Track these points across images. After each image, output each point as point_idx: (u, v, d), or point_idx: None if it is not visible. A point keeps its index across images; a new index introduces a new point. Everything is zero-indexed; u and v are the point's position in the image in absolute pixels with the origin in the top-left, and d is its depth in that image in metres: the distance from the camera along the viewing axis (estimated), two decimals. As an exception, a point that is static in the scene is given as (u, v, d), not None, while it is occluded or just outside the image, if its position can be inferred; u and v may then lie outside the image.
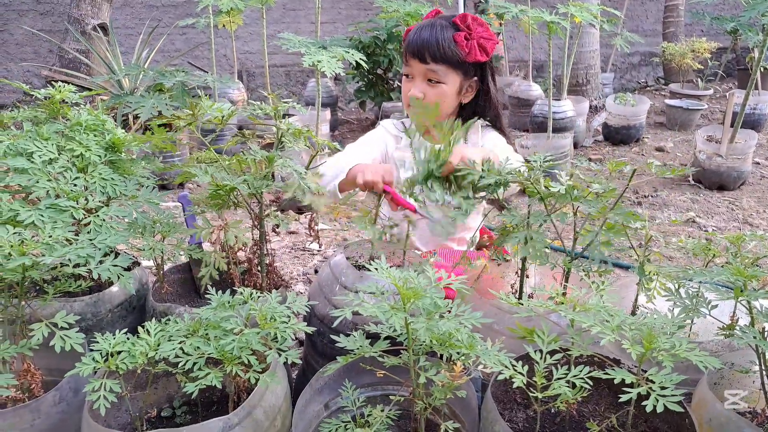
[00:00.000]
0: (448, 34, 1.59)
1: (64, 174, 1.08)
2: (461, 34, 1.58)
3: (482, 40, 1.60)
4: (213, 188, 1.10)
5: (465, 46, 1.58)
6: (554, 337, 0.95)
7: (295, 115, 3.74)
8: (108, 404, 0.88)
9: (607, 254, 1.13)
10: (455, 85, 1.63)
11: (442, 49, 1.58)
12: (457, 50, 1.58)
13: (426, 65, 1.61)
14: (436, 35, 1.59)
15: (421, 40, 1.61)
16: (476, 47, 1.59)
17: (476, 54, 1.59)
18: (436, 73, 1.60)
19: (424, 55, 1.60)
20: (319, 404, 1.19)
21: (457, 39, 1.58)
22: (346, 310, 0.87)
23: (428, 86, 1.63)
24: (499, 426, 0.93)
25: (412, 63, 1.63)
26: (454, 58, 1.59)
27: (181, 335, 0.95)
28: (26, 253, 0.87)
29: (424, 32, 1.62)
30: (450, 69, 1.61)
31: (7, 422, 0.96)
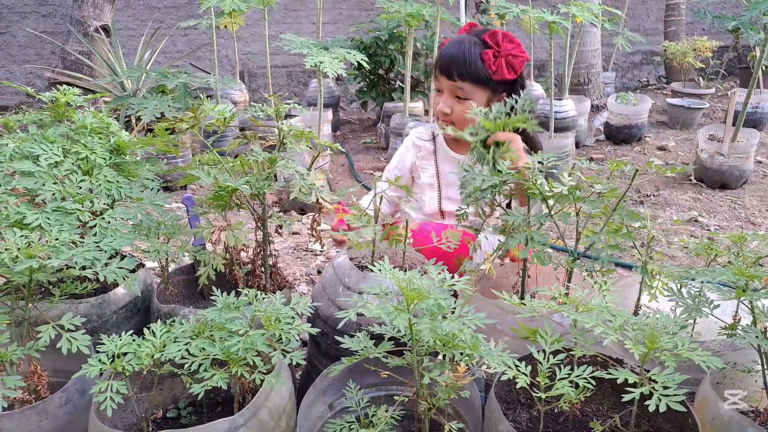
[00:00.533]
0: (477, 51, 1.60)
1: (70, 177, 1.09)
2: (489, 51, 1.58)
3: (510, 57, 1.59)
4: (216, 190, 1.11)
5: (492, 64, 1.58)
6: (557, 338, 0.96)
7: (297, 115, 3.75)
8: (115, 405, 0.88)
9: (609, 254, 1.13)
10: (482, 102, 1.64)
11: (469, 67, 1.59)
12: (485, 68, 1.58)
13: (453, 82, 1.62)
14: (464, 52, 1.60)
15: (449, 57, 1.62)
16: (504, 65, 1.58)
17: (504, 72, 1.59)
18: (463, 90, 1.62)
19: (452, 72, 1.61)
20: (324, 405, 1.19)
21: (485, 57, 1.58)
22: (350, 312, 0.87)
23: (456, 102, 1.64)
24: (503, 426, 0.94)
25: (441, 79, 1.65)
26: (481, 75, 1.59)
27: (186, 337, 0.96)
28: (33, 255, 0.88)
29: (453, 48, 1.63)
30: (477, 86, 1.61)
31: (14, 423, 0.97)
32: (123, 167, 1.18)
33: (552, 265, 1.22)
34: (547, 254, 1.21)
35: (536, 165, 1.31)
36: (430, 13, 3.44)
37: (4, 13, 6.25)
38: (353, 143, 4.71)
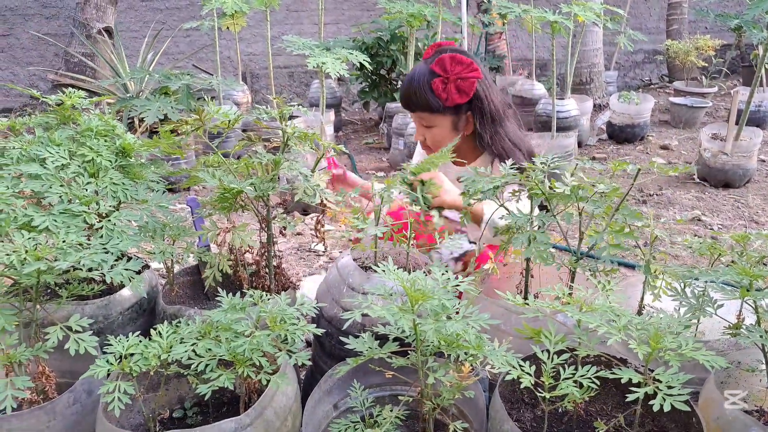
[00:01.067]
0: (426, 82, 1.66)
1: (76, 179, 1.10)
2: (438, 80, 1.64)
3: (459, 81, 1.64)
4: (220, 191, 1.12)
5: (442, 92, 1.64)
6: (561, 337, 0.96)
7: (300, 116, 3.76)
8: (122, 406, 0.89)
9: (612, 254, 1.14)
10: (447, 126, 1.70)
11: (421, 99, 1.66)
12: (435, 97, 1.65)
13: (415, 113, 1.71)
14: (414, 87, 1.68)
15: (404, 92, 1.72)
16: (454, 91, 1.64)
17: (454, 98, 1.64)
18: (425, 119, 1.70)
19: (410, 105, 1.71)
20: (329, 405, 1.20)
21: (434, 86, 1.64)
22: (355, 313, 0.88)
23: (425, 130, 1.72)
24: (508, 426, 0.94)
25: (407, 110, 1.76)
26: (434, 105, 1.66)
27: (192, 337, 0.96)
28: (41, 257, 0.89)
29: (406, 83, 1.71)
30: (435, 114, 1.68)
31: (23, 423, 0.98)
32: (128, 169, 1.19)
33: (555, 264, 1.22)
34: (550, 254, 1.22)
35: (539, 165, 1.31)
36: (432, 13, 3.45)
37: (7, 16, 6.27)
38: (355, 143, 4.72)
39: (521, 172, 1.29)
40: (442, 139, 1.70)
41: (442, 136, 1.70)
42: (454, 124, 1.70)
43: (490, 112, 1.70)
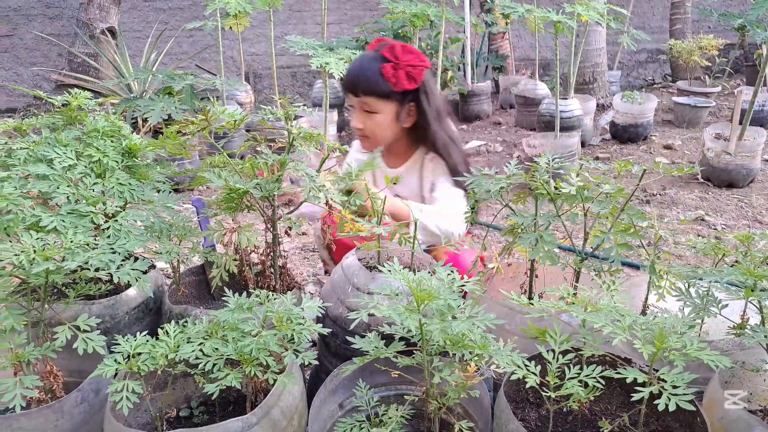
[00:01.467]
0: (376, 66, 1.66)
1: (84, 180, 1.11)
2: (389, 65, 1.64)
3: (409, 68, 1.65)
4: (227, 192, 1.12)
5: (392, 77, 1.64)
6: (566, 337, 0.96)
7: (303, 116, 3.77)
8: (131, 404, 0.90)
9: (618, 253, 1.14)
10: (390, 114, 1.70)
11: (370, 82, 1.66)
12: (385, 81, 1.65)
13: (358, 98, 1.70)
14: (364, 69, 1.68)
15: (352, 75, 1.72)
16: (403, 76, 1.64)
17: (404, 83, 1.65)
18: (368, 104, 1.69)
19: (356, 89, 1.69)
20: (334, 404, 1.21)
21: (384, 71, 1.64)
22: (362, 313, 0.88)
23: (366, 117, 1.71)
24: (513, 425, 0.95)
25: (349, 96, 1.74)
26: (383, 89, 1.66)
27: (199, 337, 0.97)
28: (50, 257, 0.89)
29: (354, 66, 1.73)
30: (380, 100, 1.68)
31: (32, 422, 0.99)
32: (134, 170, 1.19)
33: (560, 264, 1.22)
34: (555, 254, 1.22)
35: (544, 165, 1.32)
36: (435, 13, 3.45)
37: (11, 16, 6.30)
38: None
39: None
40: (382, 127, 1.71)
41: (384, 125, 1.70)
42: (397, 113, 1.71)
43: (434, 104, 1.73)
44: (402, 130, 1.75)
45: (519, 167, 1.35)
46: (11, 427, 0.97)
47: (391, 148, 1.81)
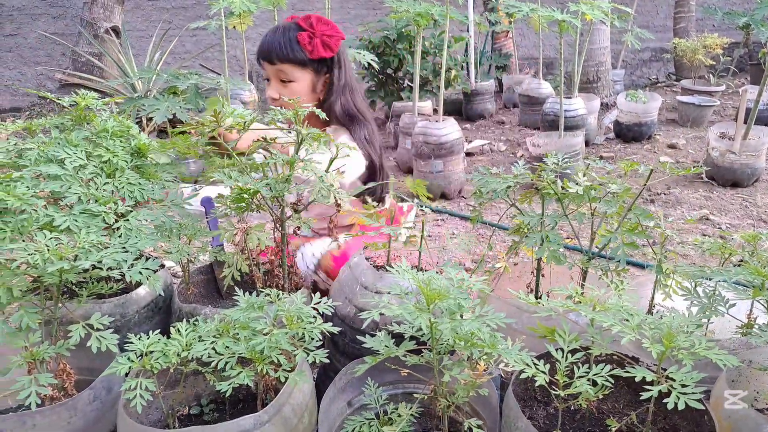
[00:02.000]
0: (292, 35, 1.69)
1: (94, 180, 1.12)
2: (305, 33, 1.67)
3: (325, 37, 1.69)
4: (237, 192, 1.13)
5: (308, 45, 1.67)
6: (575, 336, 0.97)
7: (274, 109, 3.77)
8: (144, 402, 0.91)
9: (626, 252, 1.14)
10: (306, 83, 1.73)
11: (286, 49, 1.68)
12: (301, 49, 1.67)
13: (274, 66, 1.71)
14: (280, 37, 1.70)
15: (267, 44, 1.71)
16: (319, 44, 1.68)
17: (320, 51, 1.68)
18: (284, 72, 1.70)
19: (271, 57, 1.70)
20: (343, 402, 1.22)
21: (300, 38, 1.67)
22: (373, 312, 0.89)
23: (282, 86, 1.72)
24: (522, 423, 0.96)
25: (264, 65, 1.74)
26: (299, 57, 1.68)
27: (211, 335, 0.98)
28: (64, 257, 0.90)
29: (270, 35, 1.73)
30: (297, 67, 1.70)
31: (46, 419, 1.00)
32: (144, 169, 1.20)
33: (567, 264, 1.23)
34: (562, 254, 1.23)
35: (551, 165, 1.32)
36: (439, 12, 3.45)
37: (14, 16, 6.32)
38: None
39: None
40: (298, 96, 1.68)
41: (299, 93, 1.70)
42: (313, 83, 1.74)
43: (346, 77, 1.76)
44: (317, 105, 1.74)
45: (526, 167, 1.36)
46: (26, 424, 0.99)
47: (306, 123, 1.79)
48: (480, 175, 1.35)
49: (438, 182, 3.24)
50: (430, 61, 4.68)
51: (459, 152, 3.26)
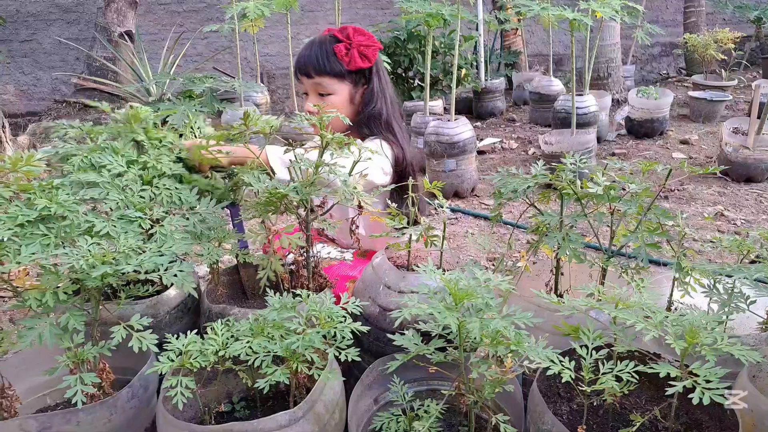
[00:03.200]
0: (329, 47, 1.70)
1: (131, 186, 1.16)
2: (341, 45, 1.68)
3: (362, 47, 1.69)
4: (267, 195, 1.17)
5: (345, 56, 1.68)
6: (599, 334, 1.00)
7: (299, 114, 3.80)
8: (185, 399, 0.95)
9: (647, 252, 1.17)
10: (344, 95, 1.73)
11: (322, 62, 1.68)
12: (338, 60, 1.68)
13: (312, 79, 1.71)
14: (316, 50, 1.71)
15: (304, 58, 1.73)
16: (357, 55, 1.68)
17: (357, 61, 1.68)
18: (322, 85, 1.71)
19: (309, 70, 1.71)
20: (369, 399, 1.25)
21: (337, 50, 1.68)
22: (404, 312, 0.93)
23: (320, 100, 1.73)
24: (548, 418, 0.99)
25: (302, 79, 1.75)
26: (336, 68, 1.69)
27: (246, 335, 1.02)
28: (107, 261, 0.95)
29: (307, 49, 1.74)
30: (334, 80, 1.71)
31: (89, 417, 1.05)
32: (184, 177, 1.25)
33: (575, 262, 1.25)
34: (582, 252, 1.25)
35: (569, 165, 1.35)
36: (450, 12, 3.47)
37: (30, 21, 6.41)
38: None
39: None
40: (336, 109, 1.66)
41: (338, 106, 1.70)
42: (351, 95, 1.73)
43: (384, 87, 1.76)
44: (355, 116, 1.76)
45: (545, 167, 1.38)
46: (71, 422, 1.03)
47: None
48: (500, 175, 1.38)
49: (451, 181, 3.26)
50: (440, 60, 4.70)
51: (472, 151, 3.29)
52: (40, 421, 1.01)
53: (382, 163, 1.64)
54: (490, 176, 1.40)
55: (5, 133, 2.82)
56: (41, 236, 0.98)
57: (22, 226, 0.97)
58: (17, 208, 1.00)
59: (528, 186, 1.31)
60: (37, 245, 0.95)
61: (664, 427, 1.07)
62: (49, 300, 0.93)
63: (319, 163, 1.26)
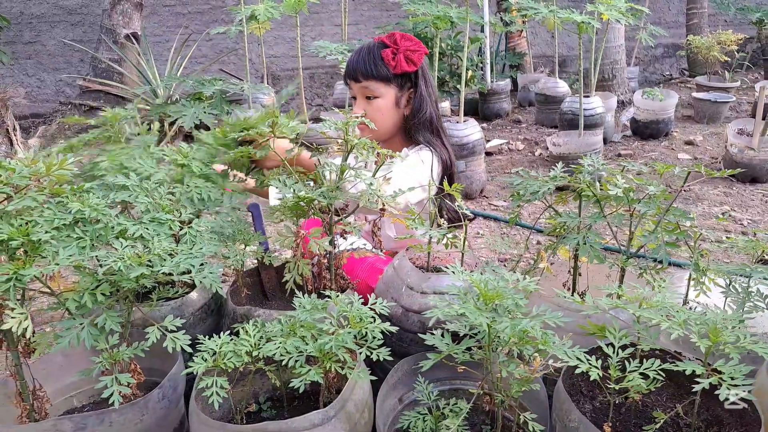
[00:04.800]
0: (376, 52, 1.76)
1: (158, 189, 1.18)
2: (388, 50, 1.74)
3: (408, 52, 1.74)
4: (295, 200, 1.19)
5: (392, 60, 1.73)
6: (624, 333, 1.02)
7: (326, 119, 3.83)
8: (220, 399, 0.97)
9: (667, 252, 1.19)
10: (390, 99, 1.78)
11: (370, 66, 1.75)
12: (385, 65, 1.74)
13: (360, 83, 1.77)
14: (364, 55, 1.77)
15: (353, 63, 1.79)
16: (403, 60, 1.73)
17: (403, 65, 1.73)
18: (369, 89, 1.76)
19: (357, 75, 1.77)
20: (394, 398, 1.27)
21: (384, 55, 1.73)
22: (435, 311, 0.95)
23: (367, 103, 1.78)
24: (575, 415, 1.01)
25: (351, 84, 1.81)
26: (383, 72, 1.75)
27: (278, 335, 1.04)
28: (143, 263, 0.97)
29: (355, 55, 1.80)
30: (381, 83, 1.76)
31: (122, 417, 1.06)
32: (212, 178, 1.27)
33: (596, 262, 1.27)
34: (603, 253, 1.27)
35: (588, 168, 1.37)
36: (457, 14, 3.49)
37: (34, 23, 6.43)
38: (379, 144, 4.78)
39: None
40: (382, 112, 1.76)
41: (384, 110, 1.76)
42: (396, 98, 1.78)
43: (432, 90, 1.81)
44: (401, 120, 1.81)
45: (563, 169, 1.40)
46: (104, 422, 1.05)
47: (388, 143, 1.84)
48: (520, 177, 1.40)
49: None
50: (446, 62, 4.73)
51: (480, 152, 3.31)
52: (74, 422, 1.03)
53: (422, 177, 1.65)
54: (510, 178, 1.42)
55: (16, 136, 2.84)
56: (77, 239, 1.00)
57: (58, 229, 0.99)
58: (50, 212, 1.02)
59: (549, 188, 1.34)
60: (74, 248, 0.97)
61: (686, 424, 1.09)
62: (88, 301, 0.95)
63: (344, 168, 1.28)
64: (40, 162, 1.01)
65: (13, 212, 0.94)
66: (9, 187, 0.96)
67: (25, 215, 0.97)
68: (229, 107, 3.49)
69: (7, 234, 0.90)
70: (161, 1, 6.47)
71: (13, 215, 0.95)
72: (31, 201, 0.97)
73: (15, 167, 0.97)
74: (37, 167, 1.00)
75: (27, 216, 0.97)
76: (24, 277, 0.88)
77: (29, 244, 0.92)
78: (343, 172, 1.27)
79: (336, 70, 6.57)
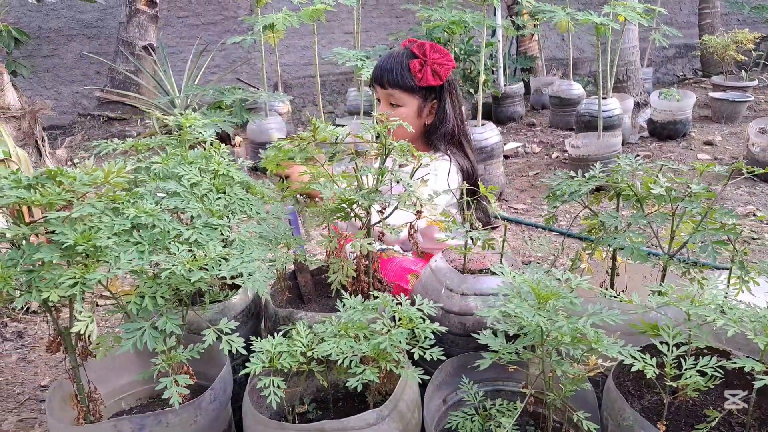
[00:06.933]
0: (404, 61, 1.77)
1: (208, 195, 1.20)
2: (416, 61, 1.74)
3: (436, 66, 1.75)
4: (339, 202, 1.21)
5: (418, 72, 1.74)
6: (678, 331, 1.02)
7: (344, 125, 3.87)
8: (278, 399, 0.98)
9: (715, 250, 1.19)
10: (413, 108, 1.79)
11: (396, 75, 1.76)
12: (411, 76, 1.75)
13: (385, 90, 1.79)
14: (392, 63, 1.78)
15: (380, 68, 1.81)
16: (429, 73, 1.74)
17: (429, 79, 1.74)
18: (394, 96, 1.78)
19: (383, 81, 1.79)
20: (439, 399, 1.28)
21: (412, 65, 1.74)
22: (492, 311, 0.96)
23: (390, 109, 1.80)
24: (629, 413, 1.01)
25: (376, 88, 1.83)
26: (408, 83, 1.76)
27: (330, 336, 1.05)
28: (202, 267, 0.98)
29: (384, 59, 1.82)
30: (405, 93, 1.77)
31: (177, 418, 1.08)
32: (249, 186, 1.29)
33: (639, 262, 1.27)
34: (645, 253, 1.28)
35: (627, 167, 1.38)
36: (472, 19, 3.52)
37: (52, 37, 6.54)
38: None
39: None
40: (404, 120, 1.74)
41: (406, 118, 1.76)
42: (419, 108, 1.80)
43: (457, 104, 1.82)
44: (422, 128, 1.82)
45: (601, 172, 1.41)
46: (161, 423, 1.07)
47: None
48: (557, 178, 1.41)
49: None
50: (459, 66, 4.74)
51: (499, 155, 3.32)
52: (134, 423, 1.05)
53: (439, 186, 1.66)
54: (548, 179, 1.43)
55: (45, 147, 2.88)
56: (135, 243, 1.02)
57: (117, 234, 1.01)
58: (108, 218, 1.04)
59: (588, 188, 1.34)
60: (135, 252, 0.99)
61: (738, 422, 1.09)
62: (149, 305, 0.97)
63: (384, 171, 1.29)
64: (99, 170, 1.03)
65: (78, 219, 0.97)
66: (71, 193, 0.98)
67: (86, 221, 0.99)
68: (249, 115, 3.54)
69: (72, 240, 0.92)
70: (175, 13, 6.55)
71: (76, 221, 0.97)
72: (90, 208, 1.00)
73: (76, 175, 0.99)
74: (95, 175, 1.02)
75: (88, 222, 0.99)
76: (90, 282, 0.90)
77: (92, 250, 0.94)
78: (383, 175, 1.28)
79: (347, 77, 6.62)
